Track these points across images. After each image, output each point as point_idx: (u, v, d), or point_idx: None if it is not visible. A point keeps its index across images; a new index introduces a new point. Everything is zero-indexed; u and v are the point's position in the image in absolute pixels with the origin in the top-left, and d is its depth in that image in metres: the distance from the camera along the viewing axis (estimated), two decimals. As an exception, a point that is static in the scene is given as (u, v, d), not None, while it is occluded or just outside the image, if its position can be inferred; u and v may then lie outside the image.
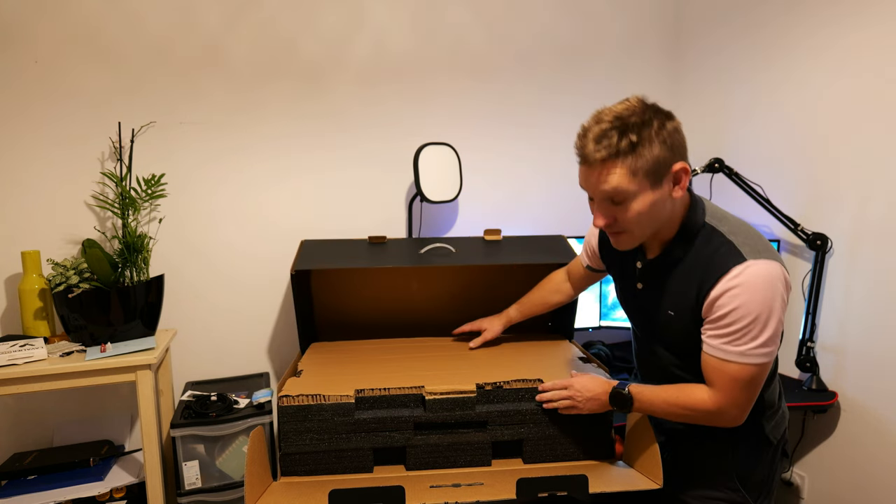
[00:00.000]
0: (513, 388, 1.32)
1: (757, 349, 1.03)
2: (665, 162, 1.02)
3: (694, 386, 1.13)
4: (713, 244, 1.07)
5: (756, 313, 1.01)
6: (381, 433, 1.29)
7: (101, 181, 1.87)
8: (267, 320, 2.08)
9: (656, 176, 1.02)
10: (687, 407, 1.12)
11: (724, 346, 1.05)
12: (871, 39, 1.67)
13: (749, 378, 1.06)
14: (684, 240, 1.11)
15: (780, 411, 1.25)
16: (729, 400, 1.08)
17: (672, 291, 1.14)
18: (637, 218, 1.05)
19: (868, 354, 1.73)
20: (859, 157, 1.72)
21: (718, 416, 1.10)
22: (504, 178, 2.24)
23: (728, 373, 1.06)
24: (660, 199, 1.04)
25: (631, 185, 1.01)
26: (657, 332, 1.21)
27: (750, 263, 1.02)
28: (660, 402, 1.16)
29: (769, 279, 1.02)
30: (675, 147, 1.02)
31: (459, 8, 2.15)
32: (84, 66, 1.83)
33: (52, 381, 1.56)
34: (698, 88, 2.31)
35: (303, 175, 2.06)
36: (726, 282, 1.03)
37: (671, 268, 1.13)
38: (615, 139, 1.00)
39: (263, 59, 1.98)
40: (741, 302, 1.01)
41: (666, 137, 1.01)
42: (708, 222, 1.11)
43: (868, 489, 1.75)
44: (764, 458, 1.23)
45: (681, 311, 1.12)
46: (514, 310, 1.63)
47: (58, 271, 1.67)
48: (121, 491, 1.70)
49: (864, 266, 1.73)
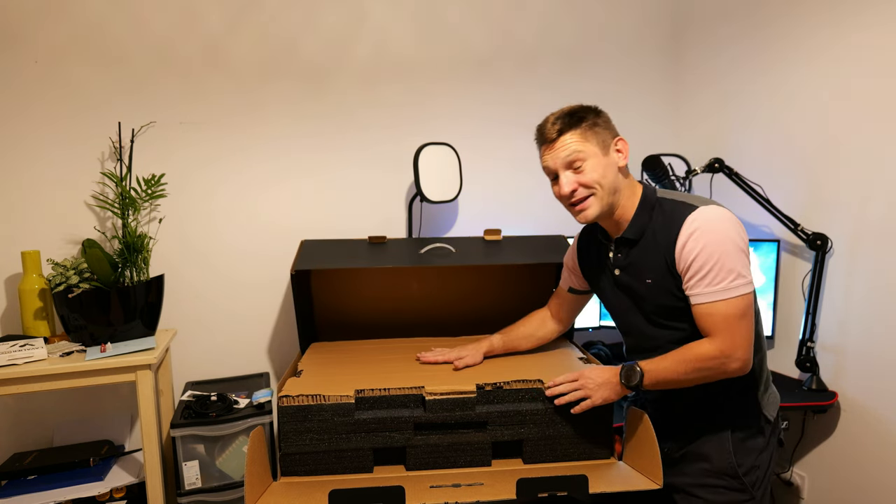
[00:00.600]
0: (513, 388, 1.32)
1: (735, 280, 1.14)
2: (607, 133, 1.23)
3: (695, 342, 1.18)
4: (668, 209, 1.22)
5: (722, 248, 1.13)
6: (381, 433, 1.29)
7: (101, 181, 1.87)
8: (267, 320, 2.08)
9: (603, 144, 1.22)
10: (696, 362, 1.16)
11: (707, 288, 1.14)
12: (872, 40, 1.67)
13: (739, 312, 1.14)
14: (643, 213, 1.25)
15: (771, 388, 1.32)
16: (729, 340, 1.14)
17: (644, 261, 1.24)
18: (596, 178, 1.21)
19: (868, 354, 1.73)
20: (859, 157, 1.72)
21: (726, 361, 1.15)
22: (504, 178, 2.24)
23: (719, 312, 1.14)
24: (610, 165, 1.22)
25: (585, 147, 1.21)
26: (644, 308, 1.28)
27: (701, 209, 1.17)
28: (670, 367, 1.19)
29: (722, 217, 1.16)
30: (611, 128, 1.25)
31: (460, 8, 2.15)
32: (84, 66, 1.83)
33: (52, 381, 1.56)
34: (698, 88, 2.31)
35: (303, 175, 2.06)
36: (685, 230, 1.16)
37: (638, 240, 1.25)
38: (567, 118, 1.22)
39: (264, 59, 1.98)
40: (704, 241, 1.14)
41: (606, 120, 1.25)
42: (660, 196, 1.26)
43: (868, 489, 1.75)
44: (761, 440, 1.26)
45: (657, 274, 1.22)
46: (497, 339, 1.53)
47: (58, 271, 1.67)
48: (121, 491, 1.70)
49: (864, 266, 1.73)
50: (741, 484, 1.25)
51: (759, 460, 1.26)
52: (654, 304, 1.25)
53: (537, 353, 1.59)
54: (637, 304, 1.29)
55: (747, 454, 1.25)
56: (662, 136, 2.40)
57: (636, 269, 1.26)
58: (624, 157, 1.23)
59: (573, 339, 1.77)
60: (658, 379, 1.20)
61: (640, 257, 1.25)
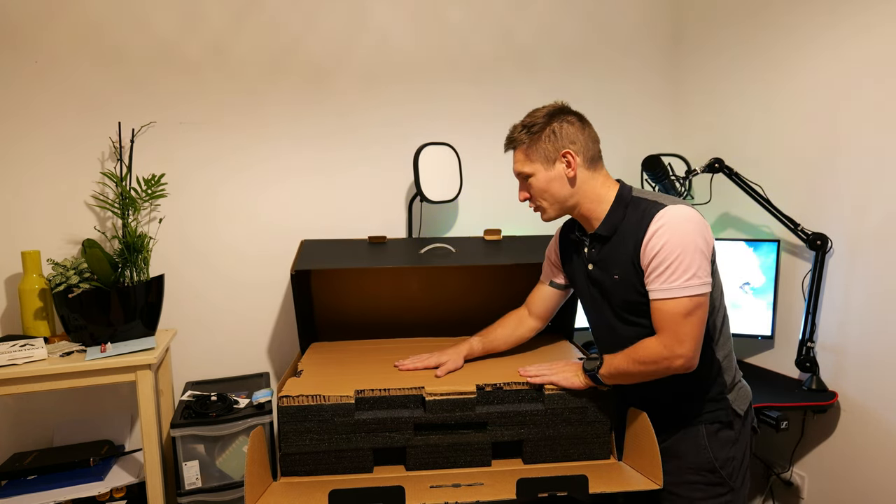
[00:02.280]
0: (513, 388, 1.32)
1: (690, 280, 1.17)
2: (552, 147, 1.28)
3: (645, 339, 1.24)
4: (640, 208, 1.26)
5: (682, 247, 1.16)
6: (381, 433, 1.29)
7: (101, 181, 1.87)
8: (267, 320, 2.08)
9: (546, 159, 1.28)
10: (643, 358, 1.22)
11: (662, 285, 1.18)
12: (872, 40, 1.67)
13: (688, 310, 1.17)
14: (617, 211, 1.29)
15: (740, 383, 1.36)
16: (674, 337, 1.18)
17: (614, 257, 1.29)
18: (539, 192, 1.31)
19: (868, 354, 1.73)
20: (859, 157, 1.72)
21: (671, 358, 1.19)
22: (504, 178, 2.22)
23: (669, 310, 1.18)
24: (555, 178, 1.29)
25: (527, 165, 1.31)
26: (611, 302, 1.32)
27: (669, 208, 1.21)
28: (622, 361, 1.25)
29: (687, 217, 1.19)
30: (563, 137, 1.28)
31: (460, 9, 2.15)
32: (84, 65, 1.83)
33: (52, 381, 1.56)
34: (699, 88, 2.31)
35: (303, 175, 2.06)
36: (652, 226, 1.20)
37: (610, 236, 1.30)
38: (518, 131, 1.31)
39: (264, 59, 1.98)
40: (667, 238, 1.17)
41: (556, 129, 1.28)
42: (635, 195, 1.30)
43: (868, 489, 1.75)
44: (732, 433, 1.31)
45: (624, 270, 1.26)
46: (477, 341, 1.52)
47: (58, 271, 1.67)
48: (121, 491, 1.70)
49: (864, 266, 1.73)
50: (720, 478, 1.29)
51: (733, 451, 1.30)
52: (620, 299, 1.30)
53: (537, 352, 1.59)
54: (606, 298, 1.34)
55: (721, 447, 1.30)
56: (662, 136, 2.39)
57: (606, 265, 1.31)
58: (572, 169, 1.28)
59: (573, 340, 1.77)
60: (612, 371, 1.27)
61: (611, 253, 1.30)
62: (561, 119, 1.29)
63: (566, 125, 1.29)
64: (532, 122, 1.31)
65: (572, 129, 1.29)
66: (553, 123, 1.29)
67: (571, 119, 1.31)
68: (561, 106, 1.33)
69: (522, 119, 1.34)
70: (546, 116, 1.30)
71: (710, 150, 2.18)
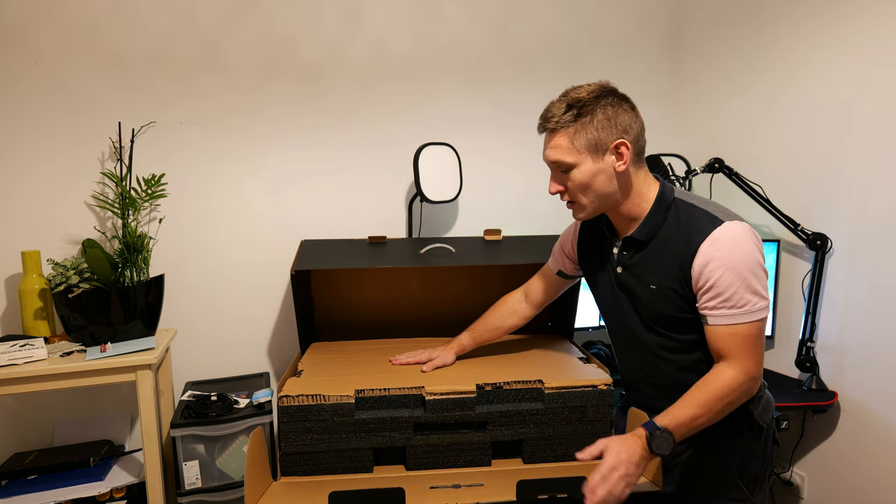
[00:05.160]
0: (513, 388, 1.32)
1: (757, 303, 1.09)
2: (604, 136, 1.11)
3: (710, 375, 1.11)
4: (686, 213, 1.14)
5: (748, 269, 1.07)
6: (381, 433, 1.29)
7: (102, 181, 1.87)
8: (267, 320, 2.08)
9: (596, 148, 1.12)
10: (725, 396, 1.08)
11: (730, 310, 1.09)
12: (872, 40, 1.67)
13: (759, 333, 1.10)
14: (658, 213, 1.17)
15: (765, 396, 1.27)
16: (751, 361, 1.10)
17: (652, 265, 1.17)
18: (580, 187, 1.15)
19: (868, 354, 1.73)
20: (859, 156, 1.72)
21: (751, 383, 1.10)
22: (504, 178, 2.24)
23: (741, 335, 1.09)
24: (602, 171, 1.13)
25: (570, 154, 1.13)
26: (641, 314, 1.22)
27: (726, 224, 1.09)
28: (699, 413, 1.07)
29: (747, 235, 1.09)
30: (618, 125, 1.12)
31: (459, 8, 2.15)
32: (84, 66, 1.83)
33: (52, 381, 1.56)
34: (698, 89, 2.31)
35: (303, 175, 2.06)
36: (709, 245, 1.08)
37: (648, 241, 1.17)
38: (562, 111, 1.12)
39: (262, 59, 1.98)
40: (729, 263, 1.07)
41: (610, 114, 1.11)
42: (678, 197, 1.18)
43: (868, 489, 1.75)
44: (757, 448, 1.24)
45: (664, 281, 1.16)
46: (466, 337, 1.52)
47: (58, 271, 1.67)
48: (121, 491, 1.70)
49: (864, 266, 1.72)
50: (742, 493, 1.23)
51: (755, 465, 1.24)
52: (655, 311, 1.19)
53: (537, 352, 1.59)
54: (635, 305, 1.23)
55: (745, 462, 1.23)
56: (662, 136, 2.39)
57: (641, 272, 1.19)
58: (623, 162, 1.13)
59: (573, 339, 1.77)
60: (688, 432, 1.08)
61: (648, 260, 1.18)
62: (615, 102, 1.12)
63: (621, 111, 1.12)
64: (580, 100, 1.11)
65: (626, 116, 1.12)
66: (606, 107, 1.11)
67: (626, 106, 1.13)
68: (610, 87, 1.15)
69: (564, 95, 1.14)
70: (595, 97, 1.11)
71: (710, 150, 2.18)
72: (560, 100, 1.14)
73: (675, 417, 1.07)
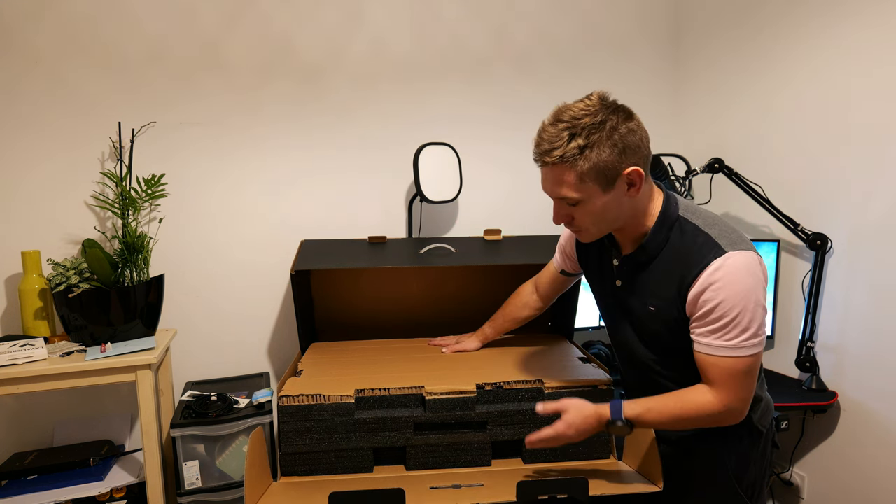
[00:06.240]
0: (513, 388, 1.32)
1: (748, 340, 1.04)
2: (615, 165, 1.02)
3: (692, 391, 1.10)
4: (690, 236, 1.08)
5: (742, 305, 1.02)
6: (381, 433, 1.29)
7: (102, 181, 1.87)
8: (267, 320, 2.08)
9: (607, 179, 1.03)
10: (694, 413, 1.09)
11: (716, 341, 1.05)
12: (872, 40, 1.67)
13: (745, 370, 1.06)
14: (660, 233, 1.11)
15: (764, 401, 1.25)
16: (732, 395, 1.07)
17: (652, 286, 1.13)
18: (591, 219, 1.08)
19: (868, 354, 1.73)
20: (859, 156, 1.72)
21: (726, 414, 1.09)
22: (504, 178, 2.24)
23: (725, 368, 1.06)
24: (613, 200, 1.06)
25: (579, 190, 1.04)
26: (637, 328, 1.20)
27: (730, 255, 1.03)
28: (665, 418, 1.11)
29: (749, 269, 1.03)
30: (627, 149, 1.02)
31: (458, 8, 2.14)
32: (84, 66, 1.83)
33: (52, 381, 1.56)
34: (699, 88, 2.31)
35: (303, 175, 2.06)
36: (708, 275, 1.03)
37: (649, 262, 1.13)
38: (565, 142, 1.01)
39: (262, 59, 1.98)
40: (726, 295, 1.02)
41: (618, 140, 1.01)
42: (682, 215, 1.12)
43: (868, 489, 1.75)
44: (755, 453, 1.23)
45: (661, 304, 1.12)
46: (488, 327, 1.61)
47: (58, 271, 1.67)
48: (121, 491, 1.70)
49: (864, 266, 1.73)
50: (741, 500, 1.22)
51: (754, 470, 1.23)
52: (650, 330, 1.18)
53: (538, 352, 1.59)
54: (631, 321, 1.21)
55: (744, 467, 1.22)
56: (662, 136, 2.39)
57: (639, 291, 1.16)
58: (637, 189, 1.05)
59: (573, 339, 1.77)
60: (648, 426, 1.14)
61: (648, 281, 1.14)
62: (619, 121, 1.01)
63: (627, 131, 1.01)
64: (582, 126, 1.00)
65: (634, 137, 1.02)
66: (613, 131, 1.00)
67: (632, 123, 1.03)
68: (609, 100, 1.04)
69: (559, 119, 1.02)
70: (599, 121, 1.00)
71: (710, 150, 2.18)
72: (556, 125, 1.02)
73: (642, 416, 1.11)
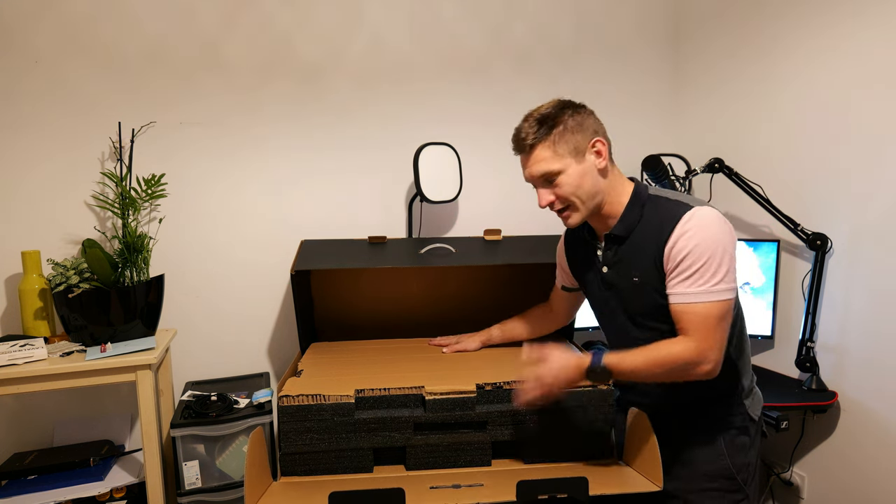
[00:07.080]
0: (513, 388, 1.32)
1: (718, 284, 1.12)
2: (581, 139, 1.19)
3: (669, 341, 1.16)
4: (662, 207, 1.20)
5: (711, 250, 1.11)
6: (381, 433, 1.29)
7: (101, 181, 1.87)
8: (267, 320, 2.08)
9: (577, 150, 1.19)
10: (667, 361, 1.14)
11: (689, 288, 1.13)
12: (872, 40, 1.67)
13: (718, 314, 1.13)
14: (635, 207, 1.22)
15: (755, 390, 1.33)
16: (705, 343, 1.13)
17: (634, 259, 1.22)
18: (573, 190, 1.20)
19: (868, 354, 1.73)
20: (859, 156, 1.72)
21: (700, 362, 1.13)
22: (504, 178, 2.23)
23: (698, 313, 1.13)
24: (587, 171, 1.20)
25: (556, 161, 1.19)
26: (628, 307, 1.26)
27: (697, 209, 1.15)
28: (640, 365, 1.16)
29: (718, 219, 1.14)
30: (588, 127, 1.20)
31: (458, 8, 2.14)
32: (84, 66, 1.83)
33: (52, 381, 1.56)
34: (699, 88, 2.31)
35: (303, 175, 2.06)
36: (680, 227, 1.14)
37: (627, 236, 1.23)
38: (536, 128, 1.19)
39: (261, 59, 1.98)
40: (697, 241, 1.12)
41: (580, 121, 1.19)
42: (653, 193, 1.24)
43: (868, 489, 1.75)
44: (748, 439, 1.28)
45: (644, 272, 1.20)
46: (496, 329, 1.62)
47: (58, 271, 1.67)
48: (121, 491, 1.70)
49: (864, 266, 1.72)
50: (736, 485, 1.26)
51: (748, 457, 1.28)
52: (640, 303, 1.24)
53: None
54: (621, 302, 1.27)
55: (738, 454, 1.26)
56: (662, 136, 2.39)
57: (624, 267, 1.24)
58: (603, 159, 1.20)
59: (573, 339, 1.77)
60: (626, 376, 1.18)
61: (629, 254, 1.23)
62: (576, 110, 1.20)
63: (585, 115, 1.21)
64: (546, 115, 1.19)
65: (591, 120, 1.21)
66: (573, 114, 1.19)
67: (586, 111, 1.22)
68: (566, 99, 1.24)
69: (526, 119, 1.22)
70: (558, 108, 1.20)
71: (710, 150, 2.18)
72: (527, 121, 1.21)
73: (620, 363, 1.17)
